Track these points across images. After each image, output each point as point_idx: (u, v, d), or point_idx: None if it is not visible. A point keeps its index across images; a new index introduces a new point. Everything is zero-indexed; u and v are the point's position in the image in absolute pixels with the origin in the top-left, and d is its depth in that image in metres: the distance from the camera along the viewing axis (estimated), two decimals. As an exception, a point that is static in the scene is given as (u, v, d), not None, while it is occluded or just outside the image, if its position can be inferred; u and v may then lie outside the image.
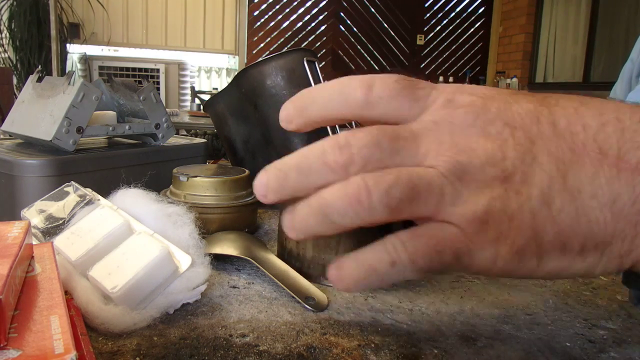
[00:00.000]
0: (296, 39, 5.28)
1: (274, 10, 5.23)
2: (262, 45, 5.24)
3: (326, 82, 0.31)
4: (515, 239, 0.27)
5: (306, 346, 0.33)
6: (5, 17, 4.12)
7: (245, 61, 5.17)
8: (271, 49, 5.23)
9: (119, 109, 0.68)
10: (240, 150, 0.69)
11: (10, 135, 0.66)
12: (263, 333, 0.34)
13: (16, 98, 0.77)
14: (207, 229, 0.48)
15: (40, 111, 0.59)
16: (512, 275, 0.30)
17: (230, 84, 0.67)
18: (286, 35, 5.28)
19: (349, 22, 5.39)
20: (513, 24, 5.34)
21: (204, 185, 0.53)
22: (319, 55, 5.24)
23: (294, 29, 5.29)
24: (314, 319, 0.37)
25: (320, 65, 0.71)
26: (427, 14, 5.59)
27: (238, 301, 0.39)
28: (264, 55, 0.72)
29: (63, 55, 4.23)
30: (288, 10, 5.26)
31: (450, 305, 0.40)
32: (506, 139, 0.28)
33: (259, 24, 5.23)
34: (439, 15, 5.62)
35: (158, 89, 4.51)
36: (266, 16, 5.22)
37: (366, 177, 0.27)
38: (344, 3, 5.36)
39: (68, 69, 4.35)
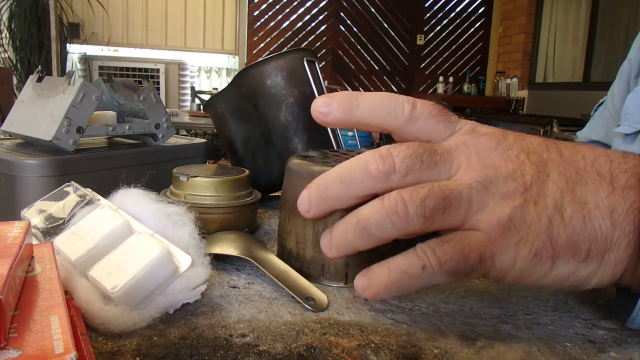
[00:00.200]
0: (296, 39, 5.28)
1: (274, 10, 5.23)
2: (262, 45, 5.24)
3: (370, 92, 0.35)
4: (534, 242, 0.32)
5: (306, 346, 0.33)
6: (5, 17, 4.12)
7: (245, 61, 5.17)
8: (271, 49, 5.23)
9: (119, 109, 0.68)
10: (240, 150, 0.69)
11: (10, 135, 0.66)
12: (263, 333, 0.34)
13: (16, 98, 0.77)
14: (207, 229, 0.48)
15: (40, 111, 0.59)
16: (525, 280, 0.33)
17: (230, 84, 0.67)
18: (286, 35, 5.28)
19: (349, 22, 5.40)
20: (513, 24, 5.34)
21: (204, 185, 0.53)
22: (319, 55, 5.24)
23: (294, 29, 5.29)
24: (314, 319, 0.37)
25: (320, 65, 0.71)
26: (427, 14, 5.59)
27: (238, 301, 0.39)
28: (264, 55, 0.72)
29: (63, 55, 4.23)
30: (288, 10, 5.26)
31: (450, 305, 0.40)
32: (523, 161, 0.33)
33: (259, 24, 5.23)
34: (439, 15, 5.62)
35: (158, 89, 4.51)
36: (266, 16, 5.22)
37: (402, 192, 0.31)
38: (344, 3, 5.36)
39: (68, 69, 4.35)
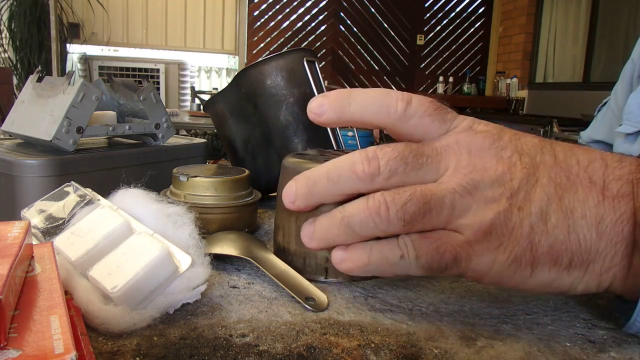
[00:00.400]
0: (296, 39, 5.28)
1: (274, 10, 5.23)
2: (262, 45, 5.23)
3: (365, 89, 0.35)
4: (514, 249, 0.32)
5: (306, 346, 0.33)
6: (5, 17, 4.12)
7: (245, 61, 5.17)
8: (271, 49, 5.23)
9: (119, 109, 0.68)
10: (240, 150, 0.69)
11: (10, 135, 0.66)
12: (263, 333, 0.34)
13: (16, 98, 0.77)
14: (207, 229, 0.48)
15: (40, 111, 0.59)
16: (503, 284, 0.34)
17: (230, 84, 0.67)
18: (286, 35, 5.27)
19: (349, 22, 5.39)
20: (513, 24, 5.34)
21: (204, 185, 0.53)
22: (319, 55, 5.24)
23: (294, 29, 5.29)
24: (314, 319, 0.37)
25: (320, 65, 0.71)
26: (427, 14, 5.58)
27: (238, 301, 0.39)
28: (264, 55, 0.72)
29: (63, 55, 4.22)
30: (288, 10, 5.26)
31: (450, 305, 0.40)
32: (515, 163, 0.32)
33: (259, 24, 5.22)
34: (439, 15, 5.61)
35: (158, 89, 4.51)
36: (266, 16, 5.22)
37: (385, 194, 0.31)
38: (344, 3, 5.36)
39: (68, 69, 4.35)
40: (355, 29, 5.41)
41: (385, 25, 5.48)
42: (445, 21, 5.63)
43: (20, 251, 0.27)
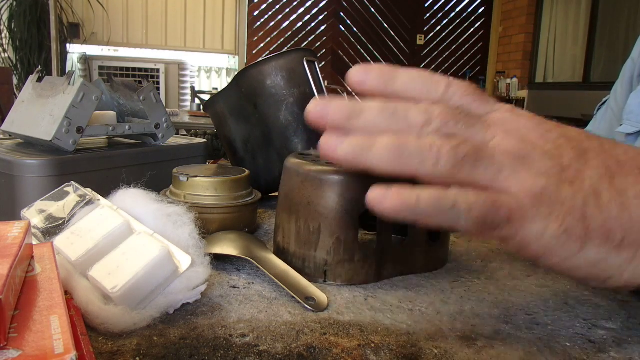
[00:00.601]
0: (296, 39, 5.28)
1: (274, 10, 5.23)
2: (262, 45, 5.23)
3: (408, 68, 0.35)
4: (566, 219, 0.31)
5: (306, 346, 0.33)
6: (5, 17, 4.12)
7: (245, 61, 5.17)
8: (271, 49, 5.23)
9: (119, 109, 0.68)
10: (240, 150, 0.69)
11: (10, 135, 0.66)
12: (263, 333, 0.34)
13: (16, 98, 0.77)
14: (207, 229, 0.48)
15: (40, 111, 0.59)
16: (548, 257, 0.32)
17: (230, 84, 0.67)
18: (286, 35, 5.27)
19: (349, 22, 5.39)
20: (513, 24, 5.34)
21: (204, 185, 0.53)
22: (319, 55, 5.24)
23: (294, 29, 5.29)
24: (314, 319, 0.37)
25: (320, 65, 0.71)
26: (427, 14, 5.59)
27: (238, 301, 0.39)
28: (264, 55, 0.72)
29: (63, 55, 4.23)
30: (288, 10, 5.26)
31: (450, 305, 0.40)
32: (562, 144, 0.32)
33: (259, 24, 5.23)
34: (439, 15, 5.61)
35: (158, 89, 4.51)
36: (266, 16, 5.22)
37: (439, 136, 0.31)
38: (344, 3, 5.36)
39: (68, 69, 4.35)
40: (355, 29, 5.41)
41: (385, 25, 5.49)
42: (445, 21, 5.63)
43: (20, 251, 0.27)
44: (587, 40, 4.49)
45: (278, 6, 5.23)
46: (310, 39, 5.33)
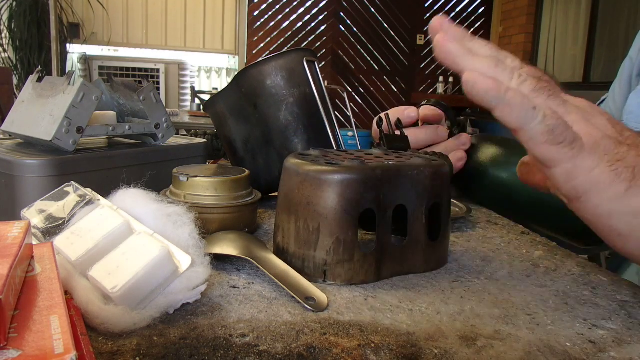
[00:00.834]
0: (296, 39, 5.27)
1: (274, 10, 5.23)
2: (262, 45, 5.23)
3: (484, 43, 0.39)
4: (617, 164, 0.35)
5: (306, 346, 0.33)
6: (5, 17, 4.12)
7: (245, 61, 5.17)
8: (271, 49, 5.23)
9: (119, 109, 0.68)
10: (240, 150, 0.69)
11: (10, 135, 0.66)
12: (263, 333, 0.34)
13: (16, 98, 0.77)
14: (207, 229, 0.48)
15: (40, 111, 0.59)
16: (594, 195, 0.36)
17: (230, 84, 0.67)
18: (286, 35, 5.27)
19: (349, 22, 5.39)
20: (513, 24, 5.34)
21: (204, 185, 0.53)
22: (319, 55, 5.24)
23: (294, 29, 5.28)
24: (314, 319, 0.37)
25: (320, 65, 0.71)
26: (427, 14, 5.58)
27: (238, 301, 0.39)
28: (264, 55, 0.72)
29: (63, 55, 4.23)
30: (288, 10, 5.26)
31: (450, 305, 0.40)
32: (623, 131, 0.38)
33: (259, 24, 5.22)
34: (439, 15, 5.61)
35: (158, 89, 4.51)
36: (266, 16, 5.22)
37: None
38: (344, 3, 5.36)
39: (68, 69, 4.35)
40: (355, 29, 5.41)
41: (385, 25, 5.48)
42: (445, 21, 5.62)
43: (20, 251, 0.27)
44: (587, 40, 4.48)
45: (278, 6, 5.23)
46: (310, 39, 5.33)
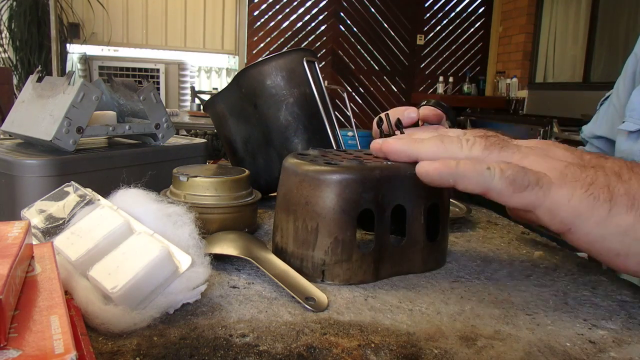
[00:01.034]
0: (296, 39, 5.27)
1: (274, 10, 5.22)
2: (262, 45, 5.23)
3: (425, 135, 0.43)
4: (590, 187, 0.37)
5: (306, 346, 0.33)
6: (5, 17, 4.12)
7: (245, 61, 5.16)
8: (271, 49, 5.23)
9: (119, 109, 0.68)
10: (240, 150, 0.69)
11: (10, 135, 0.66)
12: (263, 333, 0.34)
13: (16, 98, 0.77)
14: (207, 229, 0.48)
15: (40, 111, 0.59)
16: (581, 222, 0.37)
17: (230, 84, 0.67)
18: (286, 35, 5.27)
19: (349, 22, 5.39)
20: (513, 24, 5.33)
21: (204, 185, 0.53)
22: (319, 55, 5.24)
23: (294, 29, 5.28)
24: (314, 319, 0.37)
25: (320, 65, 0.71)
26: (427, 14, 5.58)
27: (238, 301, 0.39)
28: (264, 55, 0.72)
29: (63, 55, 4.22)
30: (288, 10, 5.25)
31: (450, 305, 0.40)
32: (582, 155, 0.40)
33: (259, 24, 5.22)
34: (439, 15, 5.61)
35: (158, 89, 4.51)
36: (266, 16, 5.22)
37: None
38: (344, 3, 5.36)
39: (68, 69, 4.35)
40: (355, 29, 5.41)
41: (385, 25, 5.48)
42: (445, 21, 5.62)
43: (20, 251, 0.27)
44: (587, 40, 4.48)
45: (278, 6, 5.22)
46: (310, 39, 5.32)
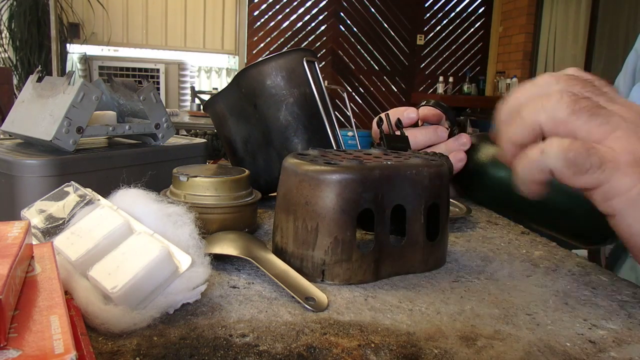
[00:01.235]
0: (296, 39, 5.28)
1: (274, 10, 5.23)
2: (262, 45, 5.24)
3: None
4: None
5: (306, 346, 0.33)
6: (5, 17, 4.12)
7: (245, 61, 5.17)
8: (271, 49, 5.23)
9: (119, 109, 0.68)
10: (240, 150, 0.69)
11: (10, 135, 0.66)
12: (263, 333, 0.34)
13: (16, 98, 0.77)
14: (207, 229, 0.48)
15: (40, 111, 0.59)
16: (630, 214, 0.36)
17: (230, 84, 0.67)
18: (286, 35, 5.28)
19: (349, 22, 5.39)
20: (513, 24, 5.34)
21: (204, 185, 0.53)
22: (319, 55, 5.24)
23: (294, 29, 5.29)
24: (314, 319, 0.37)
25: (320, 65, 0.72)
26: (427, 14, 5.58)
27: (238, 301, 0.39)
28: (264, 55, 0.72)
29: (63, 55, 4.23)
30: (288, 10, 5.26)
31: (450, 305, 0.40)
32: None
33: (259, 24, 5.23)
34: (439, 15, 5.61)
35: (158, 89, 4.51)
36: (266, 16, 5.22)
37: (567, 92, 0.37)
38: (344, 3, 5.36)
39: (68, 69, 4.35)
40: (355, 29, 5.41)
41: (385, 25, 5.48)
42: (445, 21, 5.63)
43: (20, 251, 0.27)
44: (587, 40, 4.48)
45: (278, 6, 5.23)
46: (310, 39, 5.33)
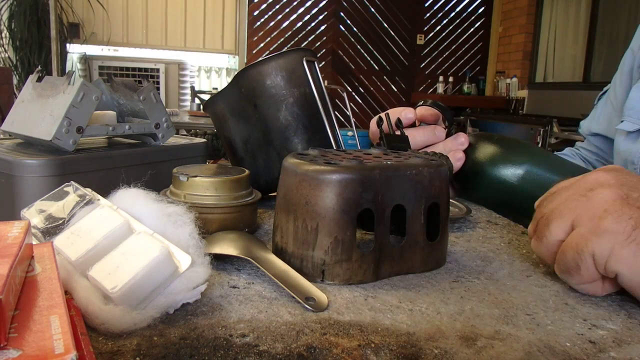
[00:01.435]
0: (296, 39, 5.27)
1: (274, 10, 5.23)
2: (262, 45, 5.23)
3: None
4: (629, 236, 0.38)
5: (306, 346, 0.33)
6: (5, 17, 4.12)
7: (245, 61, 5.17)
8: (271, 49, 5.23)
9: (119, 109, 0.68)
10: (240, 150, 0.69)
11: (10, 135, 0.66)
12: (263, 333, 0.34)
13: (16, 98, 0.77)
14: (207, 229, 0.48)
15: (40, 111, 0.59)
16: (626, 266, 0.38)
17: (230, 84, 0.67)
18: (286, 35, 5.27)
19: (349, 22, 5.39)
20: (513, 24, 5.33)
21: (204, 185, 0.53)
22: (319, 55, 5.24)
23: (294, 29, 5.28)
24: (314, 319, 0.37)
25: (320, 65, 0.71)
26: (427, 14, 5.58)
27: (238, 301, 0.39)
28: (264, 55, 0.71)
29: (63, 55, 4.23)
30: (288, 10, 5.26)
31: (450, 305, 0.40)
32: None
33: (259, 24, 5.22)
34: (439, 15, 5.61)
35: (158, 89, 4.51)
36: (266, 16, 5.22)
37: None
38: (344, 3, 5.36)
39: (68, 69, 4.35)
40: (355, 29, 5.41)
41: (385, 25, 5.48)
42: (445, 21, 5.62)
43: (20, 251, 0.27)
44: (587, 39, 4.48)
45: (278, 6, 5.22)
46: (310, 39, 5.32)
